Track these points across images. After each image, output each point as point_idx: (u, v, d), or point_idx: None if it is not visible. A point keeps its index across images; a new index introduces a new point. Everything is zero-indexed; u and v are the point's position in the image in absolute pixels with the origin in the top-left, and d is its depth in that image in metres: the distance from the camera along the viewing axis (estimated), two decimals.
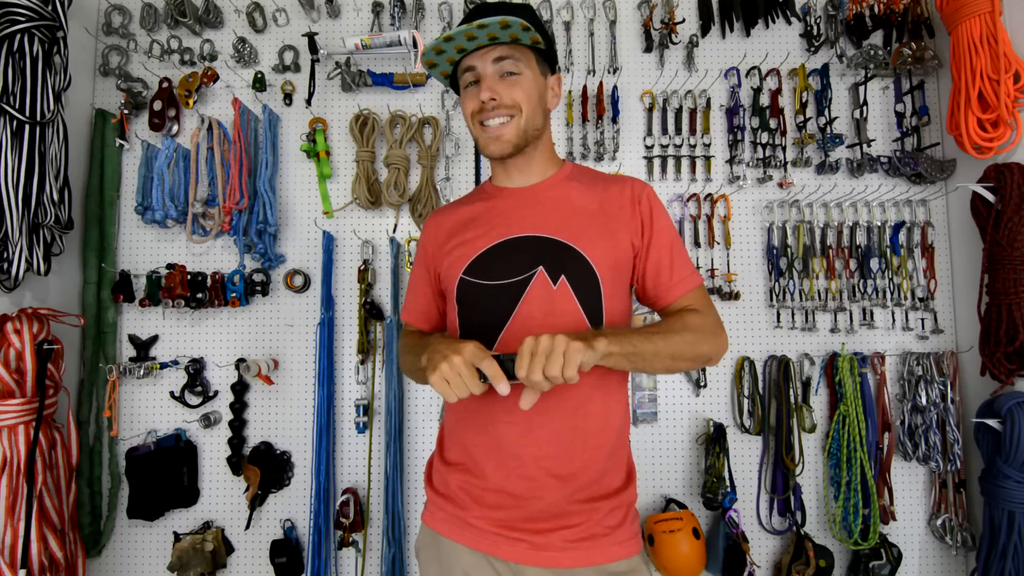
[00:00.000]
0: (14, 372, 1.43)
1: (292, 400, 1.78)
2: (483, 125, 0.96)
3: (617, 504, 0.94)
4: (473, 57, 0.95)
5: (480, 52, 0.95)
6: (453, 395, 0.78)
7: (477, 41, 0.93)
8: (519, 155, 1.00)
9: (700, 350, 0.91)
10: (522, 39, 0.94)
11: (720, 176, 1.82)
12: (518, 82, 0.95)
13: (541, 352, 0.73)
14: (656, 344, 0.86)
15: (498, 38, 0.93)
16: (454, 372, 0.77)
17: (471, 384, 0.77)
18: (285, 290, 1.79)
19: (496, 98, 0.93)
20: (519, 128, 0.96)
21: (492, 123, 0.95)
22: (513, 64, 0.95)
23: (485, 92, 0.93)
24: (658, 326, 0.92)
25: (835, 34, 1.83)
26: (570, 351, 0.73)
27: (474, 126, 0.98)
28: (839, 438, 1.69)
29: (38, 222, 1.48)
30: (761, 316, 1.79)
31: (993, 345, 1.52)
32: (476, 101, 0.95)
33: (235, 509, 1.76)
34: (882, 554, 1.65)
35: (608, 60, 1.84)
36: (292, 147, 1.83)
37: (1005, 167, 1.52)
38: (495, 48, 0.94)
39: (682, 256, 1.00)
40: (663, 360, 0.87)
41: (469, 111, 0.97)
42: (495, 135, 0.96)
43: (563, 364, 0.72)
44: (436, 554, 0.98)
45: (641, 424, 1.77)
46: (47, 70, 1.48)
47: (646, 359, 0.85)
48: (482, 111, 0.95)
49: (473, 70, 0.96)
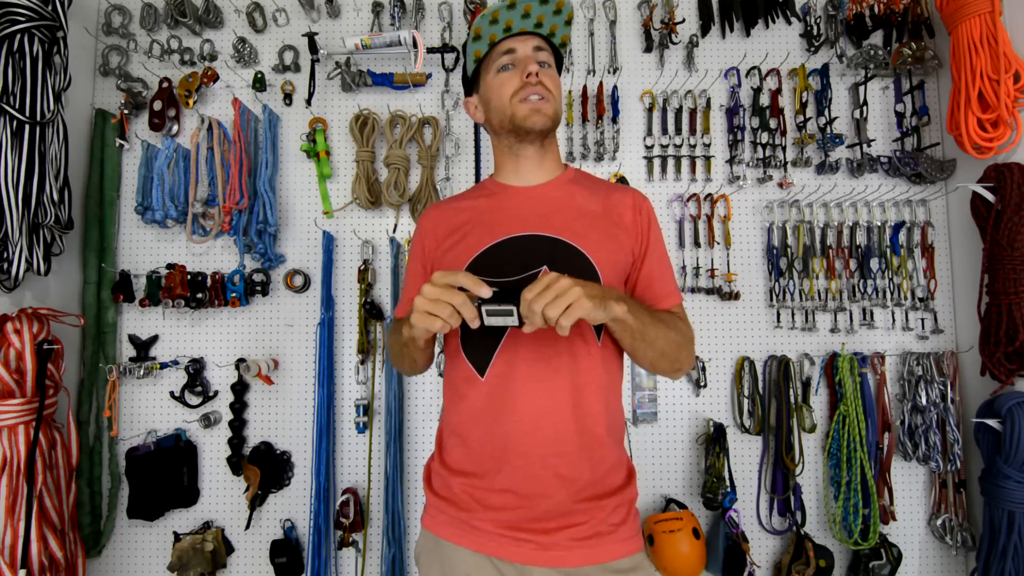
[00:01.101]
0: (14, 372, 1.43)
1: (292, 400, 1.78)
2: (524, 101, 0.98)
3: (620, 502, 0.94)
4: (515, 40, 0.99)
5: (521, 37, 0.99)
6: (439, 322, 0.76)
7: (526, 23, 0.98)
8: (538, 146, 1.02)
9: (680, 355, 0.96)
10: (558, 35, 1.02)
11: (720, 176, 1.82)
12: (552, 74, 1.01)
13: (552, 291, 0.73)
14: (659, 331, 0.90)
15: (543, 26, 1.00)
16: (431, 299, 0.76)
17: (454, 299, 0.75)
18: (285, 290, 1.79)
19: (539, 75, 0.97)
20: (555, 109, 1.00)
21: (534, 97, 0.97)
22: (546, 56, 1.01)
23: (532, 66, 0.96)
24: (660, 316, 0.94)
25: (835, 34, 1.83)
26: (576, 305, 0.73)
27: (512, 104, 0.99)
28: (839, 438, 1.69)
29: (38, 222, 1.48)
30: (761, 316, 1.79)
31: (993, 345, 1.52)
32: (518, 80, 0.97)
33: (235, 509, 1.76)
34: (882, 554, 1.65)
35: (608, 60, 1.84)
36: (292, 147, 1.83)
37: (1005, 167, 1.51)
38: (534, 37, 1.00)
39: (670, 271, 1.05)
40: (656, 348, 0.91)
41: (510, 89, 0.98)
42: (537, 107, 0.97)
43: (562, 313, 0.73)
44: (438, 558, 0.97)
45: (641, 424, 1.77)
46: (47, 70, 1.48)
47: (647, 340, 0.89)
48: (525, 87, 0.97)
49: (512, 53, 0.99)
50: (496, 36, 1.00)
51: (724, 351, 1.79)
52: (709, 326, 1.79)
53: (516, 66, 0.99)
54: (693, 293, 1.78)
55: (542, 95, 0.97)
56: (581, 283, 0.75)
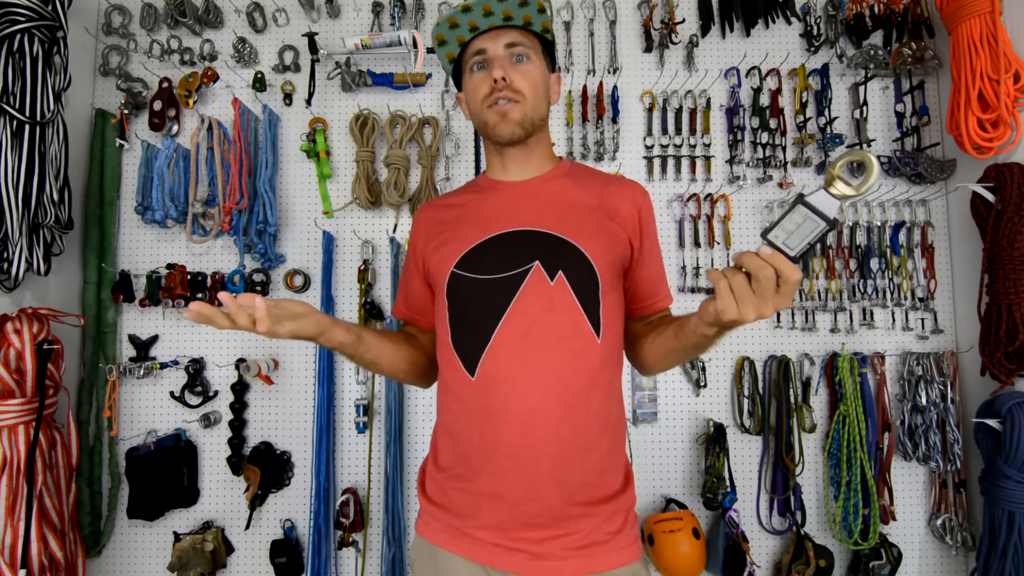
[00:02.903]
0: (14, 372, 1.43)
1: (292, 400, 1.78)
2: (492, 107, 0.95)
3: (617, 508, 0.91)
4: (484, 39, 0.95)
5: (491, 34, 0.95)
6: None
7: (492, 20, 0.93)
8: (521, 145, 0.98)
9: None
10: (535, 24, 0.95)
11: (720, 176, 1.82)
12: (528, 69, 0.95)
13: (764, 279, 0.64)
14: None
15: (512, 19, 0.93)
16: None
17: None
18: (285, 290, 1.79)
19: (507, 79, 0.92)
20: (524, 113, 0.94)
21: (501, 102, 0.93)
22: (523, 50, 0.95)
23: (497, 71, 0.92)
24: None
25: (835, 34, 1.83)
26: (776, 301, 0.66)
27: (483, 110, 0.96)
28: (839, 438, 1.69)
29: (38, 222, 1.48)
30: None
31: (993, 345, 1.52)
32: (487, 84, 0.93)
33: (235, 509, 1.76)
34: (882, 554, 1.65)
35: (608, 60, 1.84)
36: (292, 147, 1.83)
37: (1005, 167, 1.52)
38: (507, 32, 0.94)
39: (663, 270, 1.04)
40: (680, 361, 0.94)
41: (480, 95, 0.95)
42: (502, 111, 0.93)
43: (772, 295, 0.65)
44: (432, 565, 0.94)
45: (641, 424, 1.77)
46: (47, 70, 1.48)
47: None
48: (492, 93, 0.93)
49: (483, 53, 0.95)
50: (464, 37, 0.97)
51: (724, 351, 1.79)
52: None
53: (488, 66, 0.95)
54: (693, 293, 1.78)
55: (511, 98, 0.93)
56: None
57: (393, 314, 1.14)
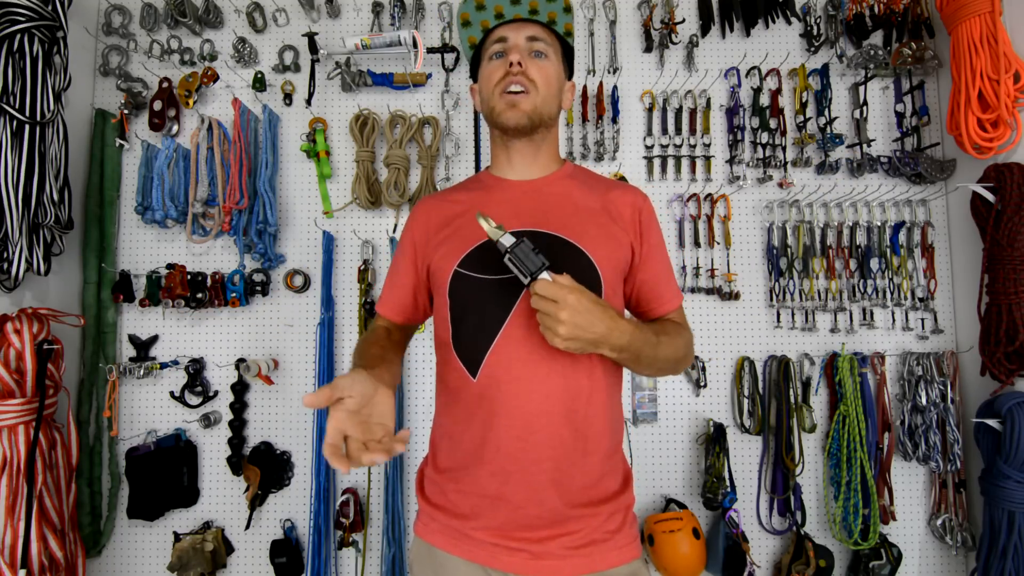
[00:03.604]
0: (14, 372, 1.43)
1: (292, 400, 1.78)
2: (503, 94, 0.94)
3: (616, 508, 0.92)
4: (507, 28, 0.96)
5: (515, 25, 0.96)
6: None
7: (518, 9, 0.94)
8: (527, 139, 0.98)
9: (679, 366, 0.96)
10: (559, 23, 0.96)
11: (720, 176, 1.82)
12: (545, 65, 0.96)
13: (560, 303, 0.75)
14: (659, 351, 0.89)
15: (538, 12, 0.95)
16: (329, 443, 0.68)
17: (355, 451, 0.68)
18: (285, 290, 1.79)
19: (523, 65, 0.92)
20: (534, 105, 0.94)
21: (512, 88, 0.93)
22: (544, 47, 0.96)
23: (515, 55, 0.92)
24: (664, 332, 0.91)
25: (835, 34, 1.83)
26: (562, 330, 0.75)
27: (493, 96, 0.95)
28: (839, 438, 1.69)
29: (38, 222, 1.48)
30: (761, 316, 1.79)
31: (993, 345, 1.52)
32: (502, 69, 0.93)
33: (235, 509, 1.76)
34: (882, 554, 1.65)
35: (608, 60, 1.84)
36: (292, 147, 1.83)
37: (1005, 167, 1.52)
38: (531, 25, 0.96)
39: (671, 272, 1.03)
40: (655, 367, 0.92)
41: (494, 80, 0.94)
42: (512, 101, 0.93)
43: (550, 332, 0.76)
44: (431, 567, 0.94)
45: (641, 424, 1.77)
46: (47, 70, 1.48)
47: (644, 363, 0.89)
48: (506, 77, 0.93)
49: (504, 41, 0.95)
50: (488, 23, 0.97)
51: (724, 351, 1.79)
52: (709, 326, 1.79)
53: (507, 54, 0.95)
54: (693, 293, 1.78)
55: (523, 87, 0.92)
56: (583, 315, 0.75)
57: (377, 308, 1.06)
